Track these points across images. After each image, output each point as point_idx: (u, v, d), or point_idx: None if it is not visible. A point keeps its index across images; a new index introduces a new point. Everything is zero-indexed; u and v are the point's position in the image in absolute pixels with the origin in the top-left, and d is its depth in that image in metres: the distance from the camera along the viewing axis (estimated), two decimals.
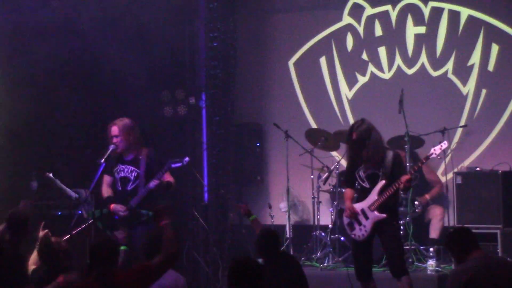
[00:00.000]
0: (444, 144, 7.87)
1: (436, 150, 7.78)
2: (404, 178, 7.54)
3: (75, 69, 10.12)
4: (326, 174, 9.93)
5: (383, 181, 7.60)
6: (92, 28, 9.87)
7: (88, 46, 10.05)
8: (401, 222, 9.08)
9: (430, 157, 7.84)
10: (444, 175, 9.99)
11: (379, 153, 7.64)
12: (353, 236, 7.80)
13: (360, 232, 7.70)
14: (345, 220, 7.89)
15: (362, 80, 11.09)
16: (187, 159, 8.02)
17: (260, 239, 6.92)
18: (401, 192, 8.61)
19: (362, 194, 7.80)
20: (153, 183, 7.98)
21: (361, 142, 7.62)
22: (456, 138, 10.36)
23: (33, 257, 6.86)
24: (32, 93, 9.72)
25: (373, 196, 7.66)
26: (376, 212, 7.61)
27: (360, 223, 7.70)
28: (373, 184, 7.68)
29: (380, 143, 7.74)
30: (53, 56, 9.71)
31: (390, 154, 7.69)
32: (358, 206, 7.75)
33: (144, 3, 10.22)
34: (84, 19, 9.85)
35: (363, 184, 7.75)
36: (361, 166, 7.75)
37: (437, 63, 10.72)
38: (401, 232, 8.67)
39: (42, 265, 6.69)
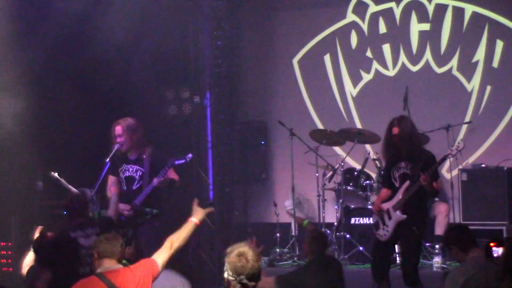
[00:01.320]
0: (461, 145, 7.77)
1: (453, 151, 7.70)
2: (421, 177, 7.45)
3: (80, 69, 10.11)
4: (331, 172, 9.93)
5: (408, 182, 7.56)
6: (97, 29, 9.87)
7: (93, 46, 10.05)
8: None
9: (447, 157, 7.81)
10: (449, 172, 9.97)
11: (418, 151, 7.62)
12: (377, 236, 7.78)
13: (383, 231, 7.70)
14: (373, 219, 7.90)
15: (366, 77, 11.08)
16: (190, 155, 8.01)
17: (310, 239, 6.92)
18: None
19: (393, 194, 7.75)
20: (156, 180, 7.99)
21: (404, 137, 7.56)
22: (461, 135, 10.34)
23: (27, 259, 6.96)
24: (37, 93, 9.73)
25: (398, 196, 7.62)
26: (398, 213, 7.58)
27: (384, 223, 7.69)
28: (402, 184, 7.65)
29: (420, 140, 7.77)
30: (58, 56, 9.72)
31: (424, 154, 7.64)
32: (385, 205, 7.73)
33: (149, 2, 10.22)
34: (90, 19, 9.86)
35: (395, 184, 7.71)
36: (396, 164, 7.70)
37: (442, 60, 10.70)
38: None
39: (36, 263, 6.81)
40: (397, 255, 8.94)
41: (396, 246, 8.40)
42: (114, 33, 9.93)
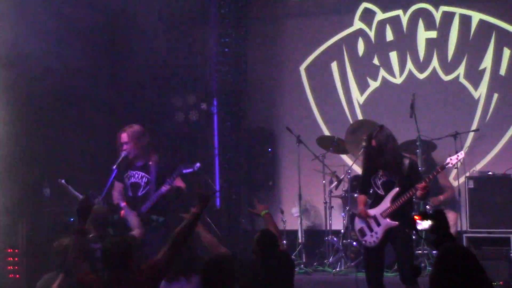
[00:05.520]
0: (461, 154, 7.88)
1: (453, 160, 7.80)
2: (420, 185, 7.53)
3: (88, 76, 10.14)
4: (336, 182, 9.94)
5: (397, 189, 7.61)
6: (106, 35, 9.90)
7: (100, 52, 10.08)
8: None
9: (446, 166, 7.88)
10: (456, 180, 9.96)
11: (396, 161, 7.65)
12: (364, 242, 7.82)
13: (371, 238, 7.72)
14: (357, 226, 7.89)
15: (373, 84, 11.09)
16: (198, 165, 8.03)
17: (258, 238, 6.70)
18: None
19: (376, 201, 7.81)
20: (164, 188, 7.99)
21: (380, 149, 7.62)
22: (468, 142, 10.34)
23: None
24: (44, 99, 9.75)
25: (385, 203, 7.67)
26: (388, 220, 7.63)
27: (371, 230, 7.72)
28: (387, 191, 7.68)
29: (397, 150, 7.77)
30: (66, 63, 9.74)
31: (406, 162, 7.69)
32: (371, 212, 7.77)
33: (156, 9, 10.25)
34: (97, 26, 9.89)
35: (378, 191, 7.76)
36: (377, 173, 7.75)
37: (449, 68, 10.71)
38: (413, 237, 8.67)
39: None
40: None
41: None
42: (122, 42, 9.98)
